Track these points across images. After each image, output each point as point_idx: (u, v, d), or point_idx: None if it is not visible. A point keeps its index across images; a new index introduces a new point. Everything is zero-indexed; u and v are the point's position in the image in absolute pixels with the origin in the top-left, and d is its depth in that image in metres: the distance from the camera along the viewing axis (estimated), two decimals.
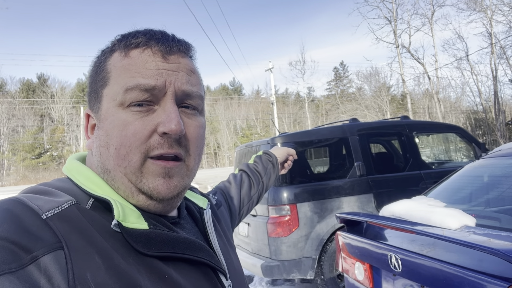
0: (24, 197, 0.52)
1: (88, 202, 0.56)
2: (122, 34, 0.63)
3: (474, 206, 2.19)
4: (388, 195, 3.99)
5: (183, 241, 0.59)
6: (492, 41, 22.19)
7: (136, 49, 0.60)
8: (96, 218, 0.53)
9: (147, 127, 0.57)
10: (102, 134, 0.59)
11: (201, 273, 0.60)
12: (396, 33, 24.95)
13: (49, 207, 0.50)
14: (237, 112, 53.29)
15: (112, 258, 0.50)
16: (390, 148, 5.01)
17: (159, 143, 0.57)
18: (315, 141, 4.31)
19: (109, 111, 0.58)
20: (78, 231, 0.50)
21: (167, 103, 0.58)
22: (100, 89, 0.61)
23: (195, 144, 0.62)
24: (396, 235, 1.94)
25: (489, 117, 24.34)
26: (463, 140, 5.14)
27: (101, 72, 0.61)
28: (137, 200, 0.59)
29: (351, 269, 2.24)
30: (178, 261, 0.57)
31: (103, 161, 0.59)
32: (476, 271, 1.40)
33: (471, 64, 24.35)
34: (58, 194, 0.54)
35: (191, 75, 0.62)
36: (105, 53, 0.63)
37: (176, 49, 0.61)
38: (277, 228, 3.72)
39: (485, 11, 22.33)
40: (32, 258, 0.44)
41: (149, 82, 0.57)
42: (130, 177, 0.57)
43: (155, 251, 0.54)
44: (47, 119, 49.03)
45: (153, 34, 0.61)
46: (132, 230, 0.54)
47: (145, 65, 0.58)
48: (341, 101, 39.08)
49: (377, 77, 34.19)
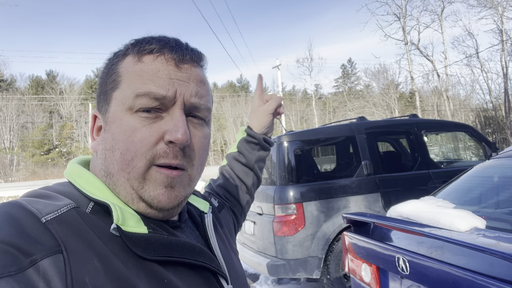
0: (23, 201, 0.52)
1: (88, 206, 0.56)
2: (136, 38, 0.63)
3: (484, 207, 2.15)
4: (396, 195, 3.95)
5: (183, 245, 0.59)
6: (503, 38, 21.90)
7: (149, 55, 0.60)
8: (95, 222, 0.53)
9: (154, 134, 0.57)
10: (108, 137, 0.59)
11: (201, 277, 0.59)
12: (405, 30, 24.73)
13: (48, 211, 0.50)
14: (244, 109, 53.26)
15: (111, 262, 0.49)
16: (398, 146, 4.96)
17: (164, 151, 0.57)
18: (322, 139, 4.28)
19: (117, 114, 0.59)
20: (77, 235, 0.50)
21: (175, 112, 0.58)
22: (110, 91, 0.61)
23: (199, 154, 0.62)
24: (404, 237, 1.91)
25: (499, 115, 24.05)
26: (472, 139, 5.07)
27: (113, 74, 0.61)
28: (137, 207, 0.59)
29: (357, 270, 2.22)
30: (178, 265, 0.57)
31: (107, 164, 0.59)
32: (486, 275, 1.37)
33: (481, 61, 24.11)
34: (58, 197, 0.54)
35: (200, 86, 0.62)
36: (118, 56, 0.63)
37: (189, 58, 0.61)
38: (283, 227, 3.70)
39: (496, 8, 22.04)
40: (31, 262, 0.44)
41: (160, 92, 0.57)
42: (133, 182, 0.57)
43: (154, 255, 0.54)
44: (56, 116, 49.52)
45: (167, 42, 0.61)
46: (132, 234, 0.54)
47: (158, 73, 0.58)
48: (349, 99, 38.81)
49: (385, 74, 33.97)
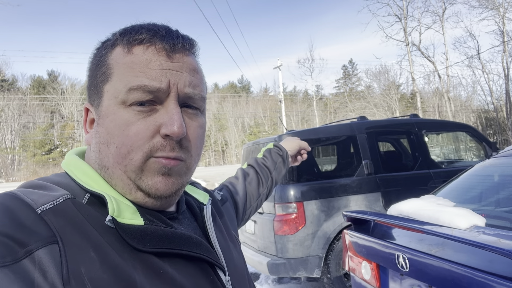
0: (19, 192, 0.51)
1: (84, 197, 0.55)
2: (125, 28, 0.61)
3: (484, 206, 2.15)
4: (396, 194, 3.95)
5: (180, 236, 0.58)
6: (505, 39, 21.87)
7: (139, 45, 0.58)
8: (91, 213, 0.53)
9: (150, 127, 0.56)
10: (102, 131, 0.58)
11: (198, 269, 0.59)
12: (406, 31, 24.71)
13: (44, 201, 0.50)
14: (245, 110, 53.30)
15: (107, 253, 0.49)
16: (398, 146, 4.96)
17: (161, 145, 0.57)
18: (323, 139, 4.28)
19: (110, 108, 0.57)
20: (73, 226, 0.49)
21: (170, 104, 0.57)
22: (101, 84, 0.59)
23: (195, 144, 0.62)
24: (404, 235, 1.91)
25: (500, 116, 24.01)
26: (473, 139, 5.07)
27: (103, 66, 0.59)
28: (135, 197, 0.58)
29: (358, 268, 2.22)
30: (174, 257, 0.56)
31: (101, 157, 0.58)
32: (486, 272, 1.37)
33: (482, 62, 24.07)
34: (54, 188, 0.54)
35: (194, 75, 0.61)
36: (107, 46, 0.61)
37: (180, 46, 0.60)
38: (284, 226, 3.70)
39: (498, 9, 22.01)
40: (26, 252, 0.44)
41: (154, 84, 0.56)
42: (130, 174, 0.57)
43: (150, 247, 0.53)
44: (57, 116, 49.59)
45: (157, 31, 0.59)
46: (127, 225, 0.54)
47: (149, 65, 0.57)
48: (350, 99, 38.79)
49: (386, 75, 33.95)
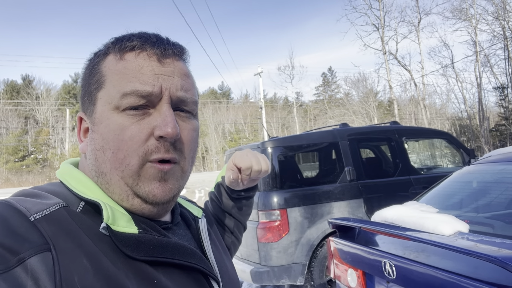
0: (12, 200, 0.51)
1: (78, 206, 0.55)
2: (116, 37, 0.62)
3: (466, 212, 2.20)
4: (378, 200, 4.00)
5: (174, 246, 0.58)
6: (477, 49, 22.68)
7: (131, 52, 0.59)
8: (85, 221, 0.53)
9: (144, 130, 0.57)
10: (97, 137, 0.58)
11: (192, 279, 0.59)
12: (383, 40, 25.27)
13: (37, 209, 0.50)
14: (225, 116, 53.16)
15: (100, 261, 0.49)
16: (380, 153, 5.04)
17: (156, 147, 0.57)
18: (305, 145, 4.30)
19: (104, 114, 0.58)
20: (66, 234, 0.49)
21: (163, 107, 0.58)
22: (95, 91, 0.60)
23: (189, 147, 0.62)
24: (390, 241, 1.92)
25: (473, 124, 24.81)
26: (451, 146, 5.21)
27: (96, 74, 0.60)
28: (132, 203, 0.58)
29: (343, 276, 2.22)
30: (168, 266, 0.56)
31: (98, 164, 0.58)
32: (471, 278, 1.39)
33: (456, 71, 24.84)
34: (48, 197, 0.54)
35: (185, 79, 0.62)
36: (99, 55, 0.62)
37: (171, 52, 0.61)
38: (267, 233, 3.68)
39: (470, 20, 22.83)
40: (19, 260, 0.44)
41: (146, 89, 0.57)
42: (127, 180, 0.57)
43: (144, 255, 0.53)
44: (31, 121, 48.06)
45: (147, 38, 0.61)
46: (121, 234, 0.54)
47: (141, 70, 0.58)
48: (329, 106, 39.29)
49: (364, 83, 34.55)
